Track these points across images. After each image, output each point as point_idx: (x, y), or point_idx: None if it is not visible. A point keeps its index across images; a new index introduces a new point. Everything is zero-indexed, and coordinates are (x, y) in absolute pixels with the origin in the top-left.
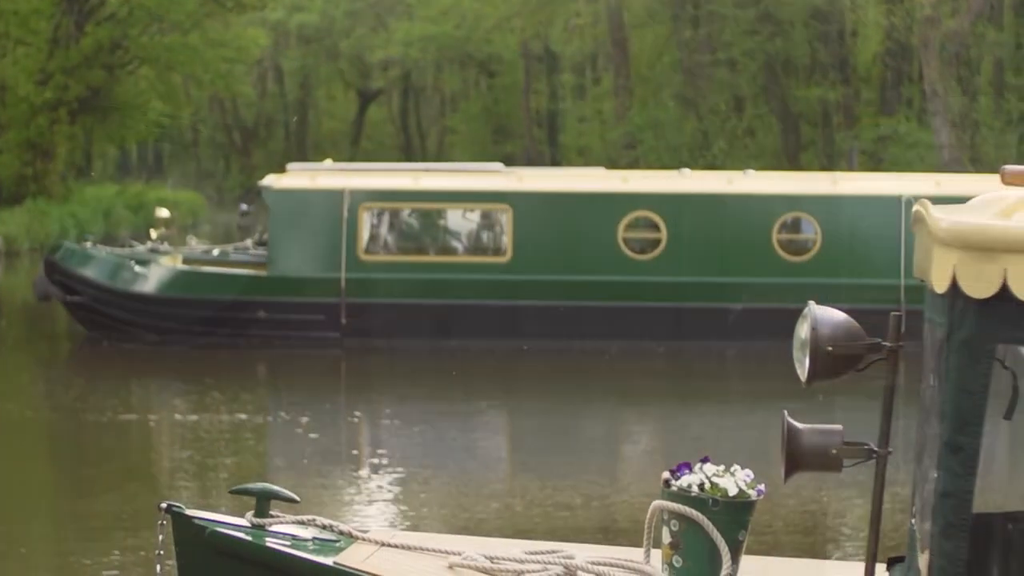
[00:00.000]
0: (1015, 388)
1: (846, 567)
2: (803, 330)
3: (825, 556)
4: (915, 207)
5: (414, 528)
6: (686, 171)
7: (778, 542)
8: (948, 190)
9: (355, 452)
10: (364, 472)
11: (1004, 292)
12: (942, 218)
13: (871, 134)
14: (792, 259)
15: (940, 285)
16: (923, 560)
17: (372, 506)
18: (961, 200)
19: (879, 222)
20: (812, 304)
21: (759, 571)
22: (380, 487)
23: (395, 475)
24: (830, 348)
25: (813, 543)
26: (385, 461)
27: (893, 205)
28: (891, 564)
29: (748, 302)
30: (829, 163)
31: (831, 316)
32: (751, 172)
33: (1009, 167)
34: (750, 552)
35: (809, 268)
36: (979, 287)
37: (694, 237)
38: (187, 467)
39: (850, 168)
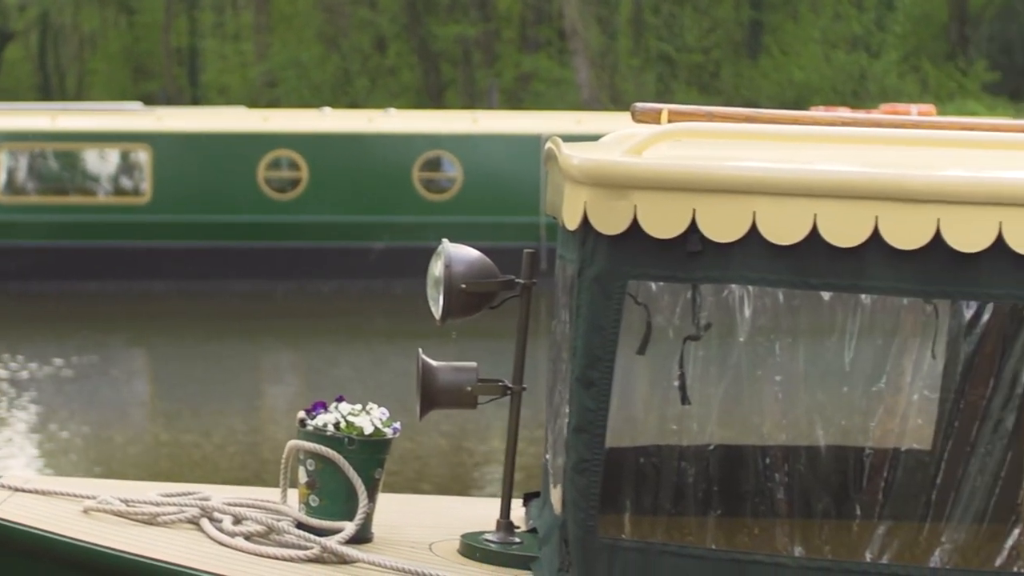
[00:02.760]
0: (648, 324)
1: (483, 503)
2: (437, 268)
3: (464, 493)
4: (547, 145)
5: (52, 474)
6: (327, 110)
7: (418, 479)
8: (588, 128)
9: None
10: (1, 418)
11: (635, 228)
12: (573, 155)
13: (512, 73)
14: (433, 198)
15: (571, 222)
16: (556, 495)
17: (9, 453)
18: (600, 138)
19: (519, 160)
20: (446, 242)
21: (397, 509)
22: (18, 433)
23: (33, 421)
24: (464, 285)
25: (453, 480)
26: (23, 407)
27: (532, 143)
28: (527, 499)
29: (389, 241)
30: (471, 102)
31: (464, 254)
32: (392, 111)
33: (640, 104)
34: (388, 490)
35: (450, 207)
36: (610, 223)
37: (335, 176)
38: None
39: (491, 106)
